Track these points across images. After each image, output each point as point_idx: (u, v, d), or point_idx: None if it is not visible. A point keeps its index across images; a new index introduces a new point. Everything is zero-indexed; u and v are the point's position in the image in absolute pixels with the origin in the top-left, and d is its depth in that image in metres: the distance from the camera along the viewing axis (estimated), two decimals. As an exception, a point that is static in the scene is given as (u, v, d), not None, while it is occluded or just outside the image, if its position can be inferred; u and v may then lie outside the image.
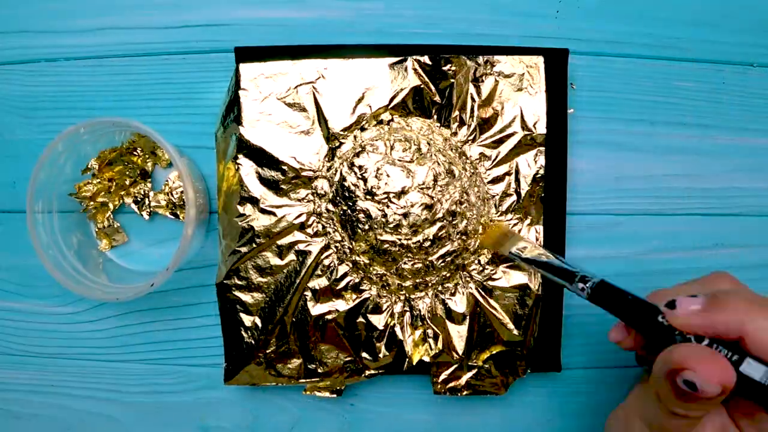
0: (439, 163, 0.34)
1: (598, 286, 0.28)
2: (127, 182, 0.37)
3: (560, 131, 0.37)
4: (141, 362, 0.38)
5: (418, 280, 0.35)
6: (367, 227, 0.34)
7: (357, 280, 0.35)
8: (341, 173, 0.35)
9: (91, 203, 0.37)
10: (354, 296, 0.35)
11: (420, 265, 0.35)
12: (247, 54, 0.35)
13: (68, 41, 0.37)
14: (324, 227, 0.35)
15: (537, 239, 0.36)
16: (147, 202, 0.37)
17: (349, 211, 0.34)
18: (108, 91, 0.37)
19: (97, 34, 0.37)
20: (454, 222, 0.34)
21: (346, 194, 0.34)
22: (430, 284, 0.35)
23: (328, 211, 0.35)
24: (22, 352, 0.39)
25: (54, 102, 0.37)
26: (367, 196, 0.34)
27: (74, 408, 0.39)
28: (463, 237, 0.35)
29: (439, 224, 0.34)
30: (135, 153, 0.37)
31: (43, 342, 0.38)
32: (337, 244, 0.35)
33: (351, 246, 0.35)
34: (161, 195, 0.37)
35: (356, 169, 0.34)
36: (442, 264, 0.35)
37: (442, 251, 0.35)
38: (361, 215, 0.34)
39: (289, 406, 0.38)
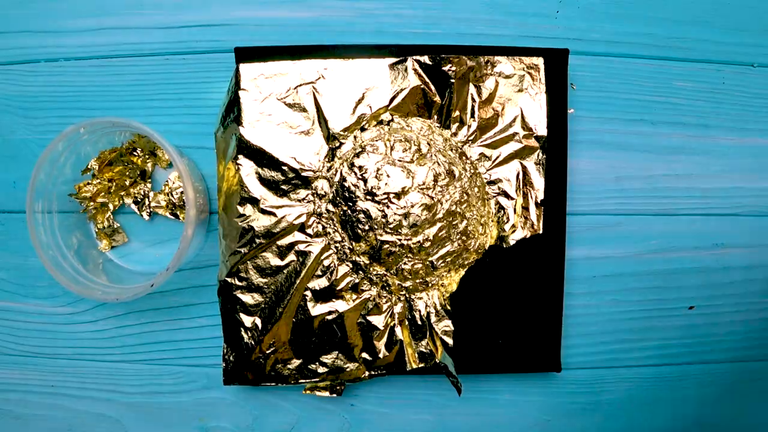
0: (439, 164, 0.34)
1: None
2: (127, 183, 0.37)
3: (560, 131, 0.37)
4: (141, 362, 0.38)
5: (418, 281, 0.35)
6: (367, 228, 0.34)
7: (357, 281, 0.35)
8: (341, 173, 0.35)
9: (91, 204, 0.37)
10: (354, 296, 0.35)
11: (420, 266, 0.35)
12: (247, 54, 0.35)
13: (68, 41, 0.37)
14: (324, 228, 0.35)
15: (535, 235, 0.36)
16: (147, 202, 0.37)
17: (349, 211, 0.34)
18: (108, 91, 0.37)
19: (97, 34, 0.37)
20: (454, 222, 0.34)
21: (347, 195, 0.34)
22: (430, 284, 0.35)
23: (328, 211, 0.35)
24: (22, 352, 0.39)
25: (54, 102, 0.37)
26: (368, 197, 0.34)
27: (74, 408, 0.39)
28: (464, 237, 0.35)
29: (439, 224, 0.34)
30: (135, 153, 0.37)
31: (43, 342, 0.38)
32: (338, 245, 0.35)
33: (351, 246, 0.35)
34: (161, 195, 0.37)
35: (356, 170, 0.34)
36: (443, 264, 0.35)
37: (442, 251, 0.35)
38: (362, 215, 0.34)
39: (289, 406, 0.38)
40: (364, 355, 0.36)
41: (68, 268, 0.34)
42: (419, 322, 0.36)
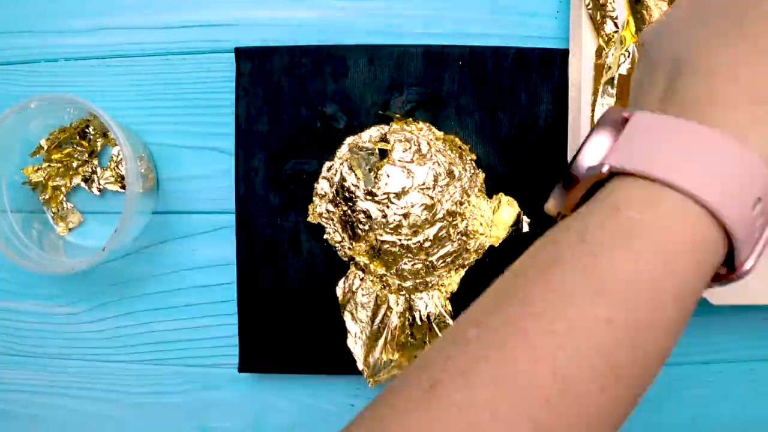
0: (439, 164, 0.34)
1: None
2: (75, 164, 0.37)
3: (560, 131, 0.36)
4: (141, 362, 0.38)
5: (418, 281, 0.35)
6: (367, 227, 0.34)
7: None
8: (341, 174, 0.35)
9: (44, 189, 0.37)
10: (354, 296, 0.35)
11: (420, 266, 0.35)
12: (247, 54, 0.35)
13: (68, 41, 0.37)
14: (324, 228, 0.35)
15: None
16: (95, 178, 0.37)
17: (349, 211, 0.34)
18: (108, 91, 0.37)
19: (97, 34, 0.37)
20: (454, 222, 0.34)
21: (347, 195, 0.34)
22: (430, 284, 0.35)
23: (328, 211, 0.35)
24: (22, 352, 0.38)
25: (54, 102, 0.37)
26: (367, 197, 0.34)
27: (74, 408, 0.39)
28: (463, 237, 0.35)
29: (439, 224, 0.34)
30: (87, 132, 0.37)
31: (43, 342, 0.38)
32: (338, 245, 0.35)
33: (351, 246, 0.35)
34: (108, 171, 0.37)
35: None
36: (442, 264, 0.35)
37: (442, 251, 0.35)
38: (361, 215, 0.34)
39: (289, 406, 0.38)
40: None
41: (22, 247, 0.34)
42: (419, 322, 0.36)
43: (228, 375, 0.38)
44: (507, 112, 0.36)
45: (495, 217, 0.36)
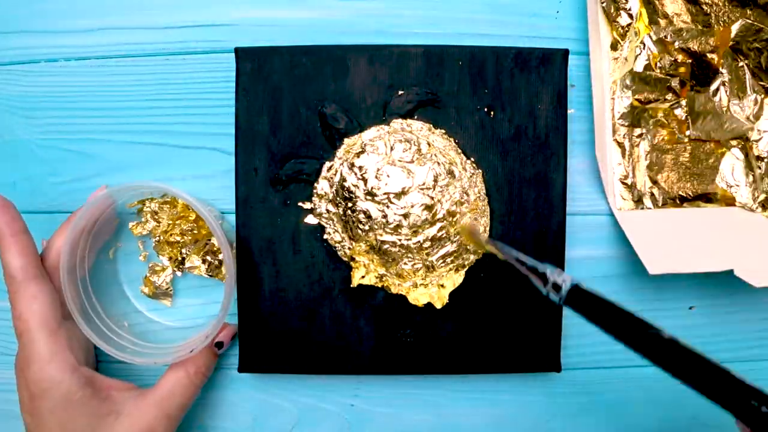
0: (439, 164, 0.34)
1: (572, 291, 0.25)
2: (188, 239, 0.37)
3: (560, 131, 0.36)
4: (142, 363, 0.38)
5: (418, 281, 0.35)
6: (367, 228, 0.34)
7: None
8: (341, 174, 0.35)
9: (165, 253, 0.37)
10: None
11: (420, 266, 0.35)
12: (247, 54, 0.35)
13: (68, 41, 0.37)
14: (324, 228, 0.35)
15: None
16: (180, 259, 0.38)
17: (349, 211, 0.34)
18: (108, 91, 0.37)
19: (97, 34, 0.37)
20: (454, 222, 0.34)
21: (347, 195, 0.34)
22: (430, 284, 0.35)
23: (328, 211, 0.35)
24: (23, 352, 0.38)
25: (54, 102, 0.37)
26: (368, 197, 0.34)
27: (74, 408, 0.38)
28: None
29: (439, 225, 0.34)
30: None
31: (44, 342, 0.38)
32: (338, 245, 0.35)
33: (351, 246, 0.35)
34: (194, 255, 0.37)
35: (356, 170, 0.34)
36: (442, 264, 0.35)
37: (442, 252, 0.35)
38: (362, 216, 0.34)
39: (289, 406, 0.38)
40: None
41: (114, 336, 0.35)
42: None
43: (228, 375, 0.38)
44: (507, 112, 0.36)
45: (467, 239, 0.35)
